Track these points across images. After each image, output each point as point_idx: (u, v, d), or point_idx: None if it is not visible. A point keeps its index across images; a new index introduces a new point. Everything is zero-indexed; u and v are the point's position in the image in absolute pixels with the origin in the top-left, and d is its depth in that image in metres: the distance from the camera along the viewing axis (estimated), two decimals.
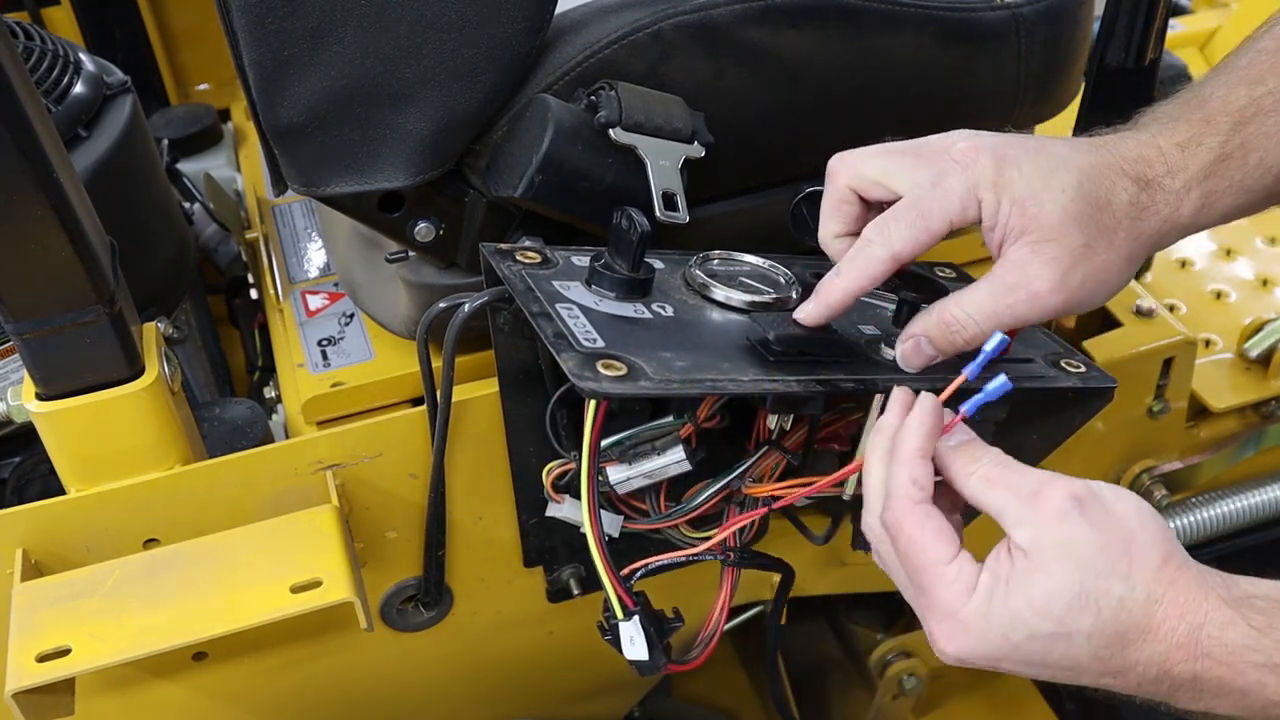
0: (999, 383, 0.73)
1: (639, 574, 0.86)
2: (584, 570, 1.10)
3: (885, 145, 0.85)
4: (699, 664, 0.92)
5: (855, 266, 0.81)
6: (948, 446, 0.76)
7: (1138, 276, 1.51)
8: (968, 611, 0.69)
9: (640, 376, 0.75)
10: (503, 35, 0.89)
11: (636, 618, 0.84)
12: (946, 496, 0.76)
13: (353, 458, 0.99)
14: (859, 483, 0.84)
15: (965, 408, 0.75)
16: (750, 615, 1.39)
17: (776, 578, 1.27)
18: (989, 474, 0.73)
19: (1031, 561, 0.68)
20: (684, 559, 0.89)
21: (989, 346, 0.76)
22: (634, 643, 0.85)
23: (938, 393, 0.77)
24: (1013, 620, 0.68)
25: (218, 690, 1.09)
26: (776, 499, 0.88)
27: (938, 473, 0.75)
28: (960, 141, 0.81)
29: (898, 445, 0.75)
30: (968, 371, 0.76)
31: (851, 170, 0.84)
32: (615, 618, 0.85)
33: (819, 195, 0.94)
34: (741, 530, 0.92)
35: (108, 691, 1.04)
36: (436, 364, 0.93)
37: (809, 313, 0.83)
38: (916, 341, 0.82)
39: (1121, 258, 0.80)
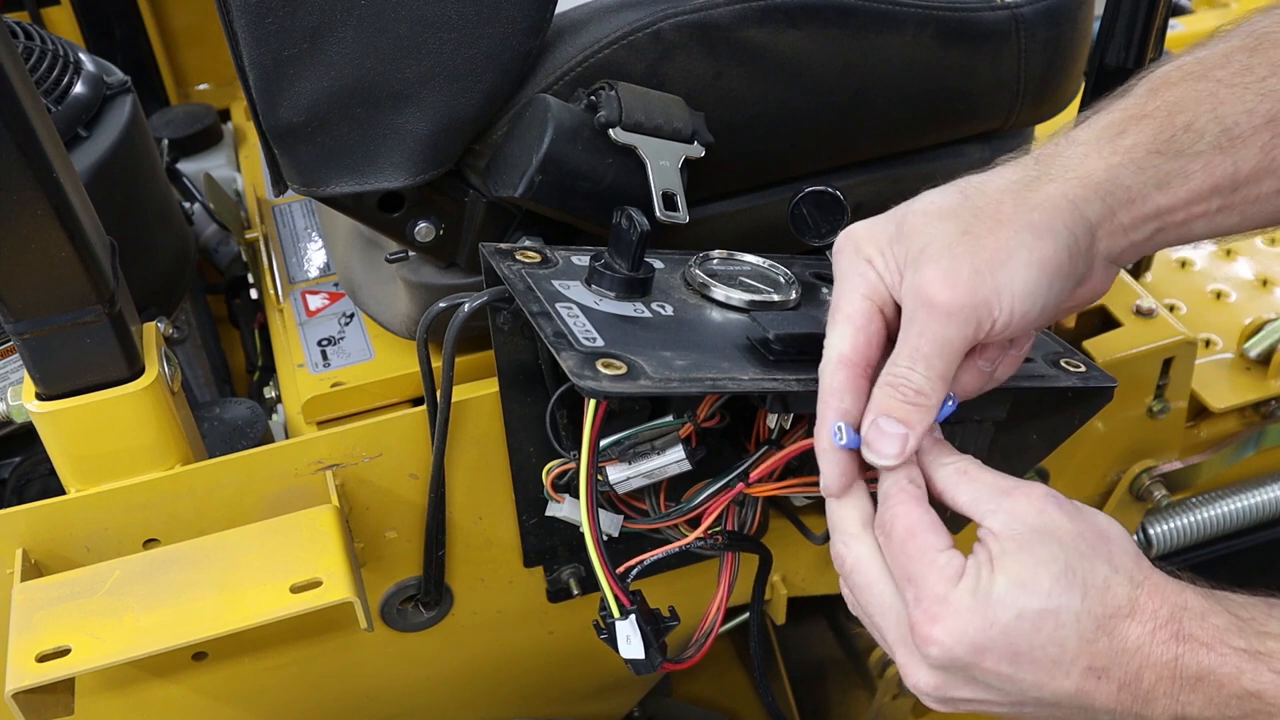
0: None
1: (635, 571, 0.86)
2: (584, 570, 1.10)
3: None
4: (695, 662, 0.93)
5: (824, 400, 0.74)
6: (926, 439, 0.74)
7: (1137, 275, 1.51)
8: (957, 593, 0.67)
9: (640, 375, 0.75)
10: (503, 35, 0.89)
11: (633, 616, 0.84)
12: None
13: (353, 458, 0.99)
14: None
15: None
16: (749, 615, 1.39)
17: (776, 577, 1.27)
18: (964, 467, 0.72)
19: (1013, 543, 0.67)
20: (676, 550, 0.89)
21: (839, 440, 0.73)
22: (630, 641, 0.85)
23: None
24: (1001, 597, 0.66)
25: (218, 690, 1.09)
26: (756, 482, 0.88)
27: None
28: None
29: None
30: (850, 445, 0.73)
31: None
32: (612, 616, 0.85)
33: (819, 195, 0.94)
34: (741, 523, 0.92)
35: (108, 691, 1.04)
36: (436, 364, 0.93)
37: (827, 483, 0.75)
38: (876, 425, 0.72)
39: (1020, 231, 0.71)
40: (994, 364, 0.78)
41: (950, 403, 0.74)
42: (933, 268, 0.71)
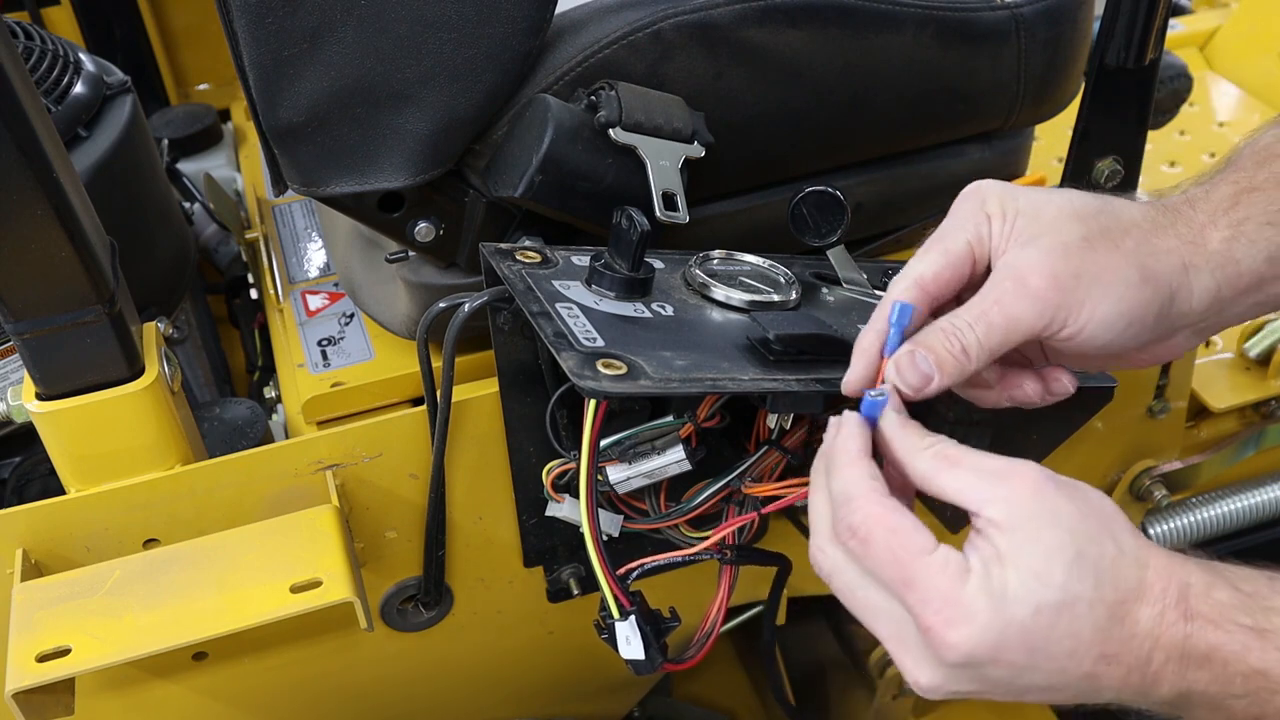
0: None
1: (636, 573, 0.86)
2: (584, 570, 1.10)
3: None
4: (695, 663, 0.93)
5: (882, 307, 0.76)
6: (890, 423, 0.72)
7: None
8: (969, 592, 0.64)
9: (640, 375, 0.75)
10: (503, 35, 0.89)
11: (633, 617, 0.85)
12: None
13: (353, 458, 0.99)
14: None
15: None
16: (750, 615, 1.39)
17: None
18: (945, 451, 0.70)
19: (1018, 534, 0.65)
20: (681, 559, 0.89)
21: (892, 317, 0.74)
22: (630, 642, 0.85)
23: None
24: (1016, 593, 0.64)
25: (218, 690, 1.09)
26: (772, 500, 0.88)
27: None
28: (973, 183, 0.80)
29: (836, 455, 0.72)
30: (887, 351, 0.74)
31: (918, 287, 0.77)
32: (612, 617, 0.85)
33: (819, 195, 0.94)
34: (741, 529, 0.92)
35: (108, 691, 1.04)
36: (436, 364, 0.93)
37: (851, 378, 0.76)
38: (913, 354, 0.73)
39: (1130, 266, 0.73)
40: (1009, 390, 0.79)
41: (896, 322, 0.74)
42: (1041, 255, 0.73)
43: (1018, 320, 0.73)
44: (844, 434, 0.73)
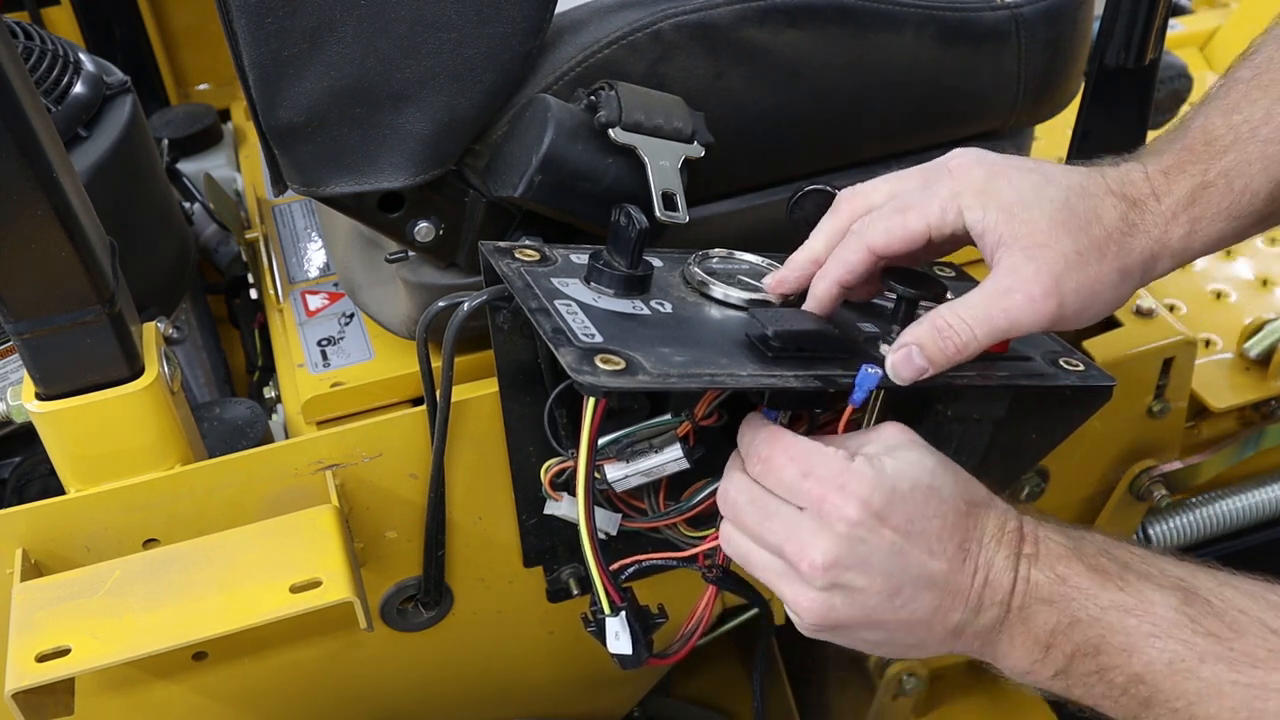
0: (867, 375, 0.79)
1: (629, 571, 0.86)
2: (583, 570, 1.10)
3: (893, 173, 0.87)
4: (679, 659, 0.93)
5: (836, 258, 0.85)
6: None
7: None
8: (857, 465, 0.77)
9: (638, 371, 0.75)
10: (502, 35, 0.89)
11: (623, 613, 0.85)
12: None
13: (353, 458, 0.99)
14: None
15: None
16: (751, 614, 1.39)
17: None
18: (820, 437, 0.82)
19: (892, 448, 0.79)
20: (674, 561, 0.90)
21: (865, 382, 0.80)
22: (619, 638, 0.86)
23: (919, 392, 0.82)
24: (895, 470, 0.77)
25: (218, 690, 1.09)
26: None
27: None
28: (958, 154, 0.85)
29: (746, 424, 0.84)
30: (852, 400, 0.81)
31: (862, 202, 0.87)
32: (602, 612, 0.86)
33: (819, 194, 0.94)
34: None
35: (108, 691, 1.04)
36: (436, 364, 0.93)
37: (779, 279, 0.89)
38: (907, 351, 0.81)
39: (1113, 271, 0.81)
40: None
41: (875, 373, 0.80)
42: (1045, 270, 0.79)
43: (1018, 325, 0.80)
44: (750, 416, 0.85)
